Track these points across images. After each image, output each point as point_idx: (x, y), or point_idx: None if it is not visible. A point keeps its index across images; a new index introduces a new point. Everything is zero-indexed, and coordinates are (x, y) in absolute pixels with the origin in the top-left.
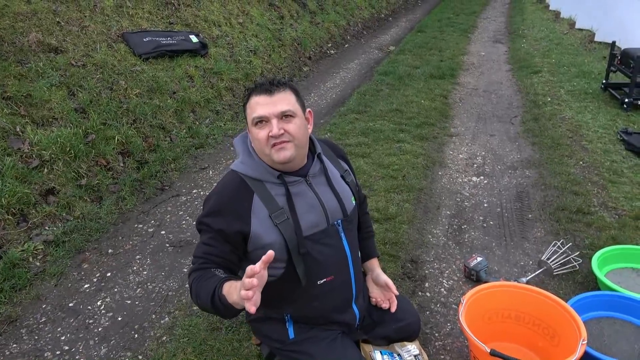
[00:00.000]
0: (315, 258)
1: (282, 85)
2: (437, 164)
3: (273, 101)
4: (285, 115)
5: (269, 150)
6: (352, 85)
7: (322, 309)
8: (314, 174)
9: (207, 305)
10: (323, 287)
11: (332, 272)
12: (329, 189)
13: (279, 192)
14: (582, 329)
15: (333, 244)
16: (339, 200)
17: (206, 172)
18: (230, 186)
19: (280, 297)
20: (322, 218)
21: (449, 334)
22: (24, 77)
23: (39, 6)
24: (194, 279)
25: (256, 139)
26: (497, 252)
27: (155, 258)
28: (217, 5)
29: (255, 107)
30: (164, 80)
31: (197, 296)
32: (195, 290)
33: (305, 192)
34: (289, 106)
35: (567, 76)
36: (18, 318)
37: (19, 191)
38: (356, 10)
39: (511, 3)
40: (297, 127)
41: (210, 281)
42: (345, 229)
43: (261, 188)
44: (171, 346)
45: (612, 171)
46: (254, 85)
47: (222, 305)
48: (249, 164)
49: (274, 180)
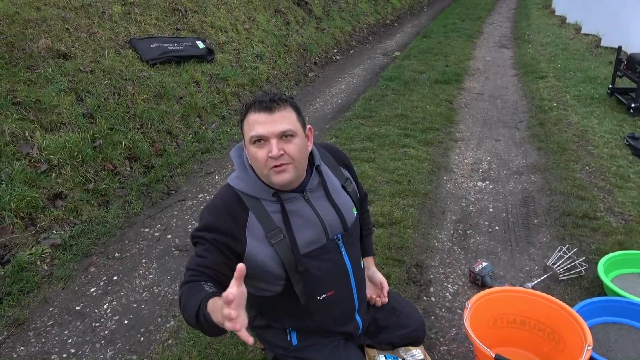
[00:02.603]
0: (314, 274)
1: (283, 102)
2: (442, 168)
3: (273, 120)
4: (285, 135)
5: (267, 171)
6: (357, 90)
7: (323, 322)
8: (312, 188)
9: (192, 322)
10: (323, 303)
11: (332, 287)
12: (328, 203)
13: (274, 209)
14: (588, 334)
15: (333, 259)
16: (339, 214)
17: (212, 176)
18: (226, 202)
19: (279, 312)
20: (320, 234)
21: (454, 339)
22: (33, 83)
23: (48, 13)
24: (182, 292)
25: (254, 159)
26: (503, 257)
27: (161, 262)
28: (223, 12)
29: (253, 126)
30: (171, 86)
31: (184, 310)
32: (183, 304)
33: (302, 208)
34: (289, 125)
35: (573, 81)
36: (26, 321)
37: (28, 195)
38: (362, 16)
39: (517, 8)
40: (297, 148)
41: (197, 296)
42: (346, 243)
43: (257, 205)
44: (177, 349)
45: (619, 176)
46: (252, 101)
47: (207, 323)
48: (244, 180)
49: (269, 197)
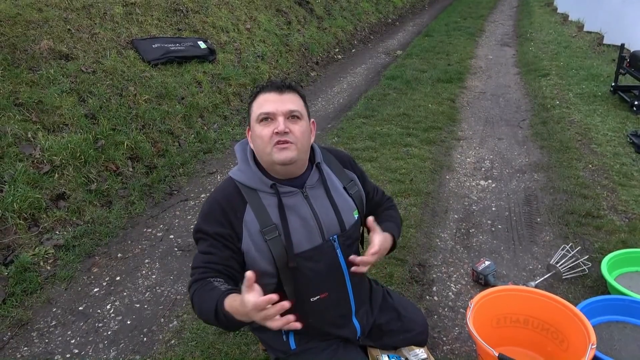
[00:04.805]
0: (306, 275)
1: (293, 88)
2: (445, 167)
3: (282, 99)
4: (292, 115)
5: (270, 148)
6: (359, 89)
7: (317, 324)
8: (311, 184)
9: (211, 321)
10: (317, 304)
11: (326, 289)
12: (327, 202)
13: (271, 203)
14: (592, 333)
15: (327, 260)
16: (337, 214)
17: (214, 176)
18: (226, 194)
19: None
20: (316, 233)
21: (456, 338)
22: (36, 84)
23: (50, 14)
24: (194, 291)
25: (259, 137)
26: (506, 256)
27: (163, 262)
28: (225, 12)
29: (263, 104)
30: (173, 86)
31: (200, 310)
32: (198, 304)
33: (300, 204)
34: (297, 107)
35: (575, 79)
36: (29, 321)
37: (31, 196)
38: (363, 15)
39: (519, 6)
40: (302, 130)
41: (211, 295)
42: (342, 245)
43: (255, 198)
44: (179, 350)
45: (622, 174)
46: (263, 84)
47: (227, 321)
48: (245, 171)
49: (267, 189)
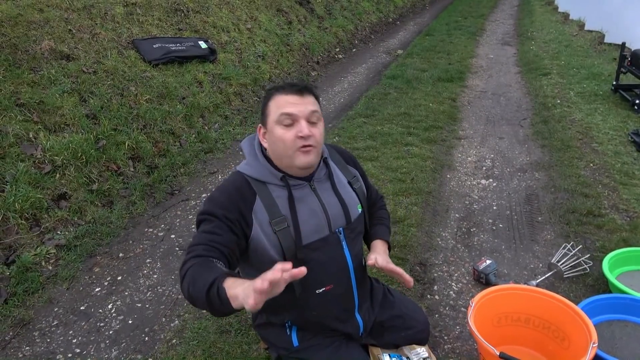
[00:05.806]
0: (313, 266)
1: (311, 90)
2: (446, 167)
3: (304, 102)
4: (313, 117)
5: (292, 152)
6: (360, 89)
7: (321, 317)
8: (319, 178)
9: (199, 295)
10: (322, 296)
11: (331, 281)
12: (333, 195)
13: (280, 195)
14: (593, 331)
15: (333, 252)
16: (343, 207)
17: (215, 176)
18: (236, 184)
19: (278, 303)
20: (323, 225)
21: (458, 337)
22: (37, 84)
23: (51, 14)
24: (192, 265)
25: (280, 140)
26: (507, 254)
27: (165, 262)
28: (225, 12)
29: (284, 105)
30: (174, 86)
31: (192, 284)
32: (191, 277)
33: (308, 196)
34: (317, 107)
35: (576, 78)
36: (31, 321)
37: (32, 196)
38: (364, 15)
39: (520, 5)
40: (321, 133)
41: (211, 271)
42: (347, 237)
43: (264, 191)
44: (181, 349)
45: (623, 173)
46: (280, 85)
47: (219, 298)
48: (254, 165)
49: (277, 182)
